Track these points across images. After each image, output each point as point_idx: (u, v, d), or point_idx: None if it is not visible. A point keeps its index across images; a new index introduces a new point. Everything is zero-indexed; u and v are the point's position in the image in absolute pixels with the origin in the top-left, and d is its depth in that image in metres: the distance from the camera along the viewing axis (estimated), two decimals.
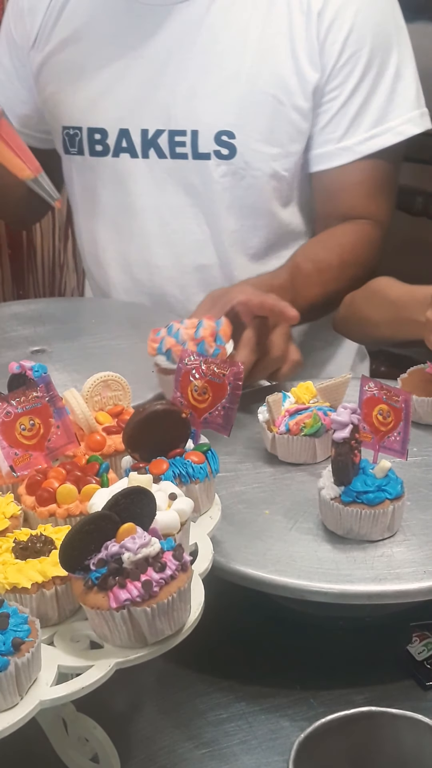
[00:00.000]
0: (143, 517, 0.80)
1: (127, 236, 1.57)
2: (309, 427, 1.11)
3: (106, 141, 1.51)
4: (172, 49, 1.46)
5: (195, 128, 1.45)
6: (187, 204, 1.51)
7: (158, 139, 1.48)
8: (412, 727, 0.81)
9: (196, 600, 0.81)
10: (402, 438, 1.00)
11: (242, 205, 1.50)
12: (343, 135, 1.44)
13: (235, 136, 1.44)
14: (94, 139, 1.51)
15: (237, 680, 0.98)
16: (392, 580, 0.94)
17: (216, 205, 1.50)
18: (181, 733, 0.93)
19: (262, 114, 1.43)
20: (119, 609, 0.75)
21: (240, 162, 1.46)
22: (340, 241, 1.46)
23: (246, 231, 1.52)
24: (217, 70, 1.44)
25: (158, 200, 1.52)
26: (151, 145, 1.48)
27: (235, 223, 1.51)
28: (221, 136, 1.44)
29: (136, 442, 0.94)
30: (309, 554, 0.98)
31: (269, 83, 1.43)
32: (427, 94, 2.10)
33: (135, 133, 1.49)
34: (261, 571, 0.96)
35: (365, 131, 1.44)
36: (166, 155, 1.48)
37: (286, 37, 1.42)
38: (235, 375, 1.01)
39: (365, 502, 0.97)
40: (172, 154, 1.48)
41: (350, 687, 0.97)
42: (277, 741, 0.91)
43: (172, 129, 1.47)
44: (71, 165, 1.58)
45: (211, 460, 0.96)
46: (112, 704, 0.95)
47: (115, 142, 1.50)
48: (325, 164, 1.47)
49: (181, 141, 1.46)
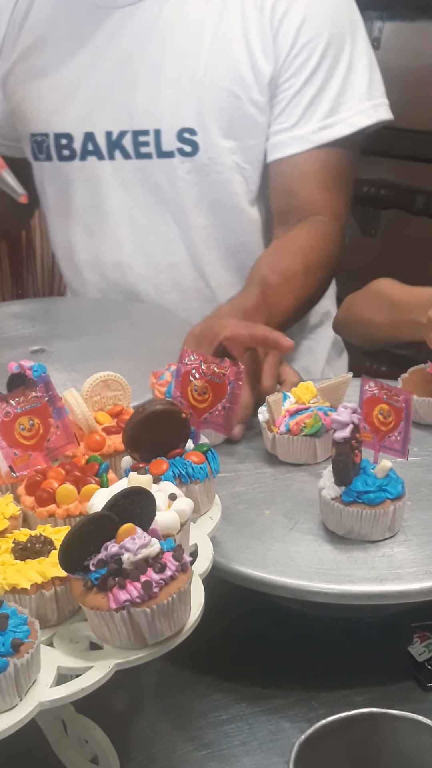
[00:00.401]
0: (143, 517, 0.80)
1: (98, 238, 1.58)
2: (309, 427, 1.11)
3: (72, 145, 1.53)
4: (130, 51, 1.47)
5: (157, 127, 1.47)
6: (155, 203, 1.53)
7: (122, 140, 1.50)
8: (412, 729, 0.81)
9: (196, 601, 0.80)
10: (403, 438, 1.00)
11: (209, 201, 1.51)
12: (296, 124, 1.45)
13: (196, 133, 1.46)
14: (60, 144, 1.54)
15: (237, 681, 0.98)
16: (393, 581, 0.93)
17: (183, 203, 1.51)
18: (181, 735, 0.92)
19: (221, 109, 1.45)
20: (119, 610, 0.75)
21: (203, 158, 1.47)
22: (301, 245, 1.45)
23: (215, 227, 1.53)
24: (174, 68, 1.46)
25: (127, 201, 1.54)
26: (116, 146, 1.50)
27: (203, 220, 1.53)
28: (183, 133, 1.46)
29: (135, 442, 0.94)
30: (309, 554, 0.97)
31: (226, 78, 1.44)
32: (428, 91, 2.10)
33: (100, 135, 1.51)
34: (261, 572, 0.95)
35: (318, 121, 1.45)
36: (131, 156, 1.50)
37: (240, 32, 1.43)
38: (235, 375, 1.01)
39: (366, 502, 0.97)
40: (136, 154, 1.50)
41: (351, 688, 0.96)
42: (277, 742, 0.91)
43: (136, 129, 1.49)
44: (42, 171, 1.60)
45: (211, 460, 0.96)
46: (111, 705, 0.95)
47: (81, 146, 1.52)
48: (278, 153, 1.47)
49: (145, 141, 1.48)
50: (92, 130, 1.51)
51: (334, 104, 1.45)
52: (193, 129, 1.46)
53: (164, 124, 1.46)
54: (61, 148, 1.54)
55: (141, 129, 1.48)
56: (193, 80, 1.45)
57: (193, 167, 1.48)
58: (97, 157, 1.52)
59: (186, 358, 1.02)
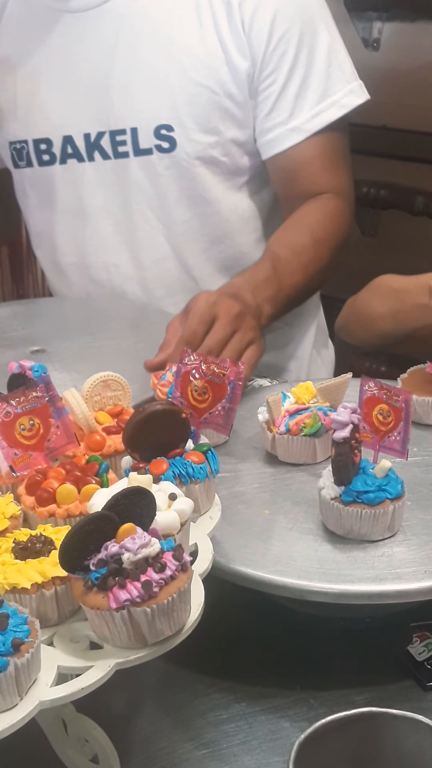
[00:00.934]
0: (143, 517, 0.80)
1: (83, 239, 1.60)
2: (309, 427, 1.11)
3: (51, 150, 1.54)
4: (101, 52, 1.48)
5: (134, 126, 1.49)
6: (136, 201, 1.54)
7: (101, 141, 1.51)
8: (412, 728, 0.81)
9: (196, 600, 0.81)
10: (402, 438, 1.00)
11: (189, 196, 1.52)
12: (289, 116, 1.46)
13: (173, 129, 1.47)
14: (40, 150, 1.55)
15: (237, 681, 0.98)
16: (393, 580, 0.94)
17: (164, 199, 1.53)
18: (181, 734, 0.93)
19: (197, 105, 1.46)
20: (119, 609, 0.75)
21: (181, 153, 1.48)
22: (308, 221, 1.48)
23: (196, 220, 1.55)
24: (147, 66, 1.47)
25: (108, 200, 1.55)
26: (94, 147, 1.52)
27: (184, 214, 1.54)
28: (160, 130, 1.48)
29: (135, 442, 0.94)
30: (309, 554, 0.97)
31: (200, 74, 1.45)
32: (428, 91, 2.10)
33: (78, 137, 1.52)
34: (261, 572, 0.95)
35: (310, 109, 1.47)
36: (110, 156, 1.51)
37: (212, 28, 1.44)
38: (235, 375, 1.01)
39: (365, 501, 0.97)
40: (114, 153, 1.51)
41: (350, 687, 0.96)
42: (277, 741, 0.91)
43: (112, 129, 1.50)
44: (23, 178, 1.61)
45: (211, 460, 0.96)
46: (111, 705, 0.95)
47: (61, 149, 1.53)
48: (277, 148, 1.49)
49: (122, 140, 1.50)
50: (70, 133, 1.52)
51: (322, 89, 1.47)
52: (170, 125, 1.47)
53: (140, 122, 1.48)
54: (41, 153, 1.55)
55: (118, 128, 1.50)
56: (166, 77, 1.46)
57: (171, 163, 1.50)
58: (77, 160, 1.53)
59: (186, 358, 1.02)
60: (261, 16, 1.43)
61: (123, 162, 1.51)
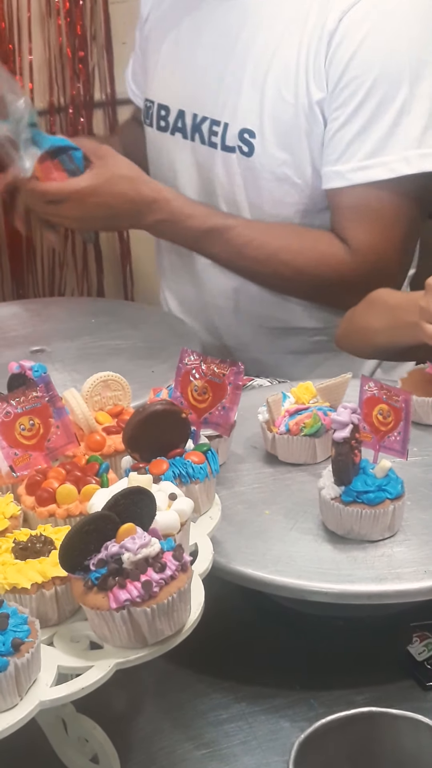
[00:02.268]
0: (143, 517, 0.80)
1: None
2: (309, 427, 1.11)
3: (168, 118, 1.59)
4: (223, 43, 1.50)
5: (227, 121, 1.50)
6: (214, 192, 1.55)
7: (202, 126, 1.53)
8: (412, 728, 0.81)
9: (196, 600, 0.81)
10: (402, 438, 1.00)
11: (259, 205, 1.52)
12: (338, 159, 1.43)
13: (255, 136, 1.47)
14: (160, 115, 1.60)
15: (237, 681, 0.98)
16: (393, 580, 0.94)
17: (236, 198, 1.53)
18: (181, 734, 0.93)
19: (278, 119, 1.45)
20: (119, 609, 0.75)
21: (257, 162, 1.48)
22: (292, 231, 1.49)
23: None
24: (250, 67, 1.47)
25: (194, 182, 1.57)
26: (197, 129, 1.54)
27: None
28: (244, 133, 1.48)
29: (136, 442, 0.94)
30: (309, 554, 0.97)
31: (285, 89, 1.44)
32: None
33: (189, 115, 1.55)
34: (261, 572, 0.95)
35: (359, 160, 1.42)
36: (206, 142, 1.54)
37: (303, 51, 1.42)
38: (235, 375, 1.01)
39: (365, 501, 0.97)
40: (209, 141, 1.53)
41: (350, 687, 0.96)
42: (277, 741, 0.91)
43: (212, 118, 1.52)
44: (146, 135, 1.67)
45: (211, 460, 0.96)
46: (112, 705, 0.95)
47: (174, 121, 1.57)
48: (323, 184, 1.46)
49: (216, 131, 1.51)
50: (184, 108, 1.56)
51: (379, 145, 1.41)
52: (252, 131, 1.47)
53: (231, 119, 1.49)
54: (159, 119, 1.60)
55: (215, 119, 1.52)
56: (263, 84, 1.46)
57: (248, 167, 1.49)
58: (182, 135, 1.57)
59: (186, 358, 1.02)
60: (342, 51, 1.40)
61: (211, 151, 1.53)
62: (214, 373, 1.01)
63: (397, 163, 1.41)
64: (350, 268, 1.47)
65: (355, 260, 1.46)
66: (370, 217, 1.45)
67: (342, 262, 1.47)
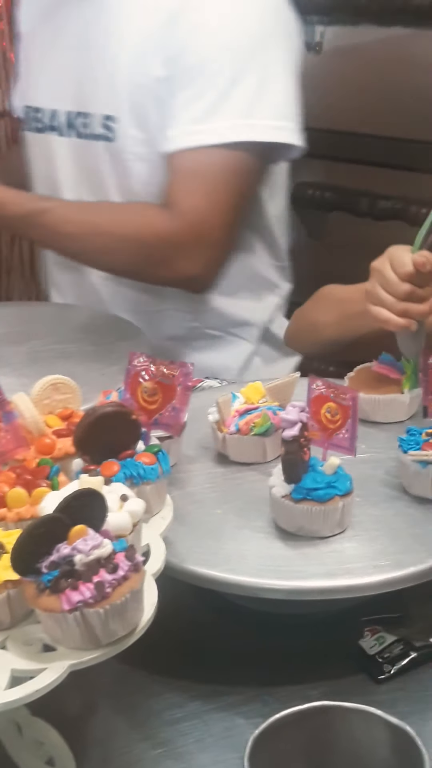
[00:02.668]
0: (94, 518, 0.80)
1: None
2: (259, 427, 1.12)
3: (42, 119, 1.62)
4: (84, 35, 1.54)
5: (91, 111, 1.54)
6: (92, 183, 1.58)
7: (75, 120, 1.57)
8: (365, 720, 0.82)
9: (149, 600, 0.81)
10: (350, 435, 1.01)
11: (127, 189, 1.55)
12: (169, 124, 1.47)
13: (115, 120, 1.51)
14: (35, 117, 1.63)
15: (191, 679, 0.99)
16: (343, 575, 0.95)
17: (106, 186, 1.57)
18: (137, 734, 0.93)
19: (134, 101, 1.49)
20: (72, 611, 0.75)
21: (119, 146, 1.52)
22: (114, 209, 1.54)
23: None
24: (104, 56, 1.51)
25: (74, 177, 1.60)
26: (71, 124, 1.58)
27: None
28: (106, 120, 1.52)
29: (86, 444, 0.94)
30: (261, 552, 0.98)
31: (137, 71, 1.48)
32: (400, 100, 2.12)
33: (61, 113, 1.59)
34: (214, 570, 0.96)
35: (187, 125, 1.46)
36: (80, 135, 1.57)
37: (146, 31, 1.47)
38: (184, 376, 1.01)
39: (315, 498, 0.98)
40: (84, 134, 1.56)
41: (304, 683, 0.97)
42: (232, 738, 0.92)
43: (80, 111, 1.56)
44: (26, 141, 1.69)
45: (162, 461, 0.96)
46: (66, 707, 0.94)
47: (49, 120, 1.60)
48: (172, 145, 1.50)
49: (86, 122, 1.55)
50: (56, 107, 1.59)
51: (207, 112, 1.45)
52: (113, 116, 1.51)
53: (93, 109, 1.54)
54: (35, 121, 1.63)
55: (84, 111, 1.55)
56: (110, 69, 1.50)
57: (113, 152, 1.53)
58: (58, 133, 1.59)
59: (135, 360, 1.02)
60: (183, 24, 1.44)
61: (84, 143, 1.56)
62: (164, 374, 1.01)
63: (224, 130, 1.46)
64: (174, 230, 1.47)
65: (179, 223, 1.47)
66: (196, 181, 1.48)
67: (165, 226, 1.48)
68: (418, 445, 1.05)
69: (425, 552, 0.97)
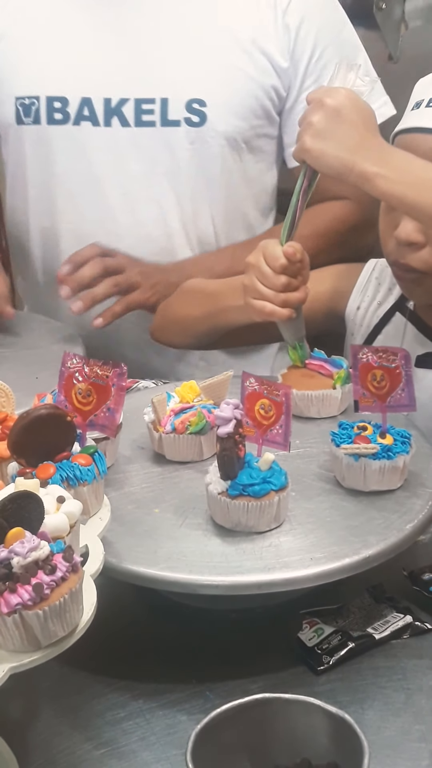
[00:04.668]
0: (31, 521, 0.80)
1: (85, 206, 1.57)
2: (194, 425, 1.13)
3: (66, 109, 1.52)
4: (140, 22, 1.49)
5: (164, 96, 1.49)
6: (152, 172, 1.53)
7: (122, 108, 1.51)
8: (304, 711, 0.83)
9: (89, 600, 0.81)
10: (284, 431, 1.03)
11: (208, 174, 1.53)
12: None
13: (206, 104, 1.49)
14: (53, 108, 1.53)
15: (133, 679, 0.99)
16: (281, 569, 0.96)
17: (181, 173, 1.53)
18: (80, 735, 0.93)
19: (231, 86, 1.49)
20: (10, 614, 0.75)
21: (209, 130, 1.50)
22: (314, 221, 1.50)
23: (208, 198, 1.56)
24: (185, 39, 1.49)
25: (120, 168, 1.54)
26: (114, 113, 1.51)
27: (200, 191, 1.55)
28: (192, 103, 1.49)
29: (21, 447, 0.94)
30: (199, 549, 0.99)
31: (239, 59, 1.48)
32: None
33: (97, 101, 1.51)
34: (152, 569, 0.97)
35: None
36: (130, 124, 1.51)
37: (256, 22, 1.48)
38: (118, 376, 1.02)
39: (251, 494, 0.99)
40: (137, 122, 1.51)
41: (245, 677, 0.98)
42: (175, 735, 0.93)
43: (139, 97, 1.50)
44: (23, 136, 1.58)
45: (98, 462, 0.97)
46: (8, 710, 0.94)
47: (77, 111, 1.52)
48: None
49: (149, 109, 1.50)
50: (90, 95, 1.51)
51: None
52: (202, 100, 1.49)
53: (171, 93, 1.49)
54: (53, 112, 1.53)
55: (145, 97, 1.50)
56: (203, 52, 1.48)
57: (198, 137, 1.50)
58: (92, 123, 1.52)
59: (68, 361, 1.02)
60: (306, 26, 1.48)
61: (145, 131, 1.51)
62: (97, 375, 1.01)
63: (382, 108, 1.50)
64: (355, 219, 1.53)
65: (360, 209, 1.52)
66: None
67: (348, 217, 1.53)
68: (350, 438, 1.07)
69: (360, 543, 0.98)
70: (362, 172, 1.11)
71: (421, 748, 0.90)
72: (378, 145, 1.14)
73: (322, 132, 1.14)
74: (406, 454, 1.06)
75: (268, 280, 1.22)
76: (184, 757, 0.78)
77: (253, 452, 1.03)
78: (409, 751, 0.89)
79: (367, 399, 1.08)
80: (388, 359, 1.07)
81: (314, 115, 1.15)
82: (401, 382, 1.07)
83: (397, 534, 1.00)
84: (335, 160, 1.13)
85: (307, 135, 1.15)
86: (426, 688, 0.96)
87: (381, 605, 1.06)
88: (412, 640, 1.03)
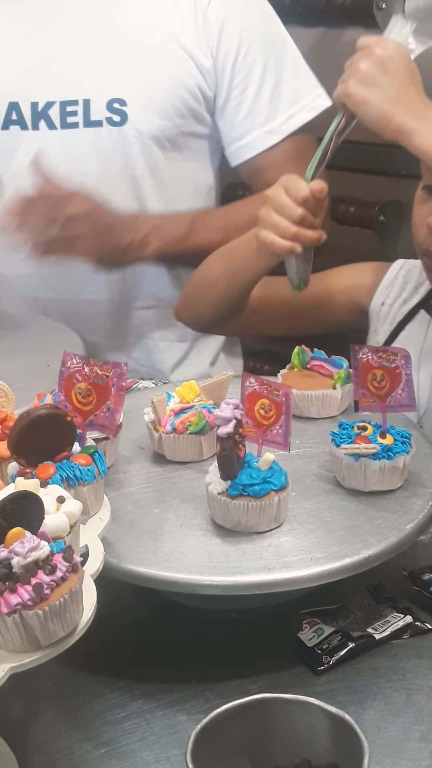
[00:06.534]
0: (31, 521, 0.80)
1: None
2: (194, 425, 1.13)
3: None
4: (66, 23, 1.51)
5: (87, 97, 1.51)
6: (82, 173, 1.53)
7: (49, 111, 1.52)
8: (303, 711, 0.83)
9: (89, 600, 0.81)
10: (284, 431, 1.03)
11: (134, 172, 1.54)
12: (266, 119, 1.52)
13: (126, 104, 1.50)
14: None
15: (133, 679, 0.99)
16: (281, 569, 0.96)
17: (108, 172, 1.54)
18: (80, 735, 0.93)
19: (152, 85, 1.50)
20: (11, 614, 0.75)
21: (131, 129, 1.51)
22: None
23: (136, 195, 1.57)
24: (103, 42, 1.50)
25: (51, 171, 1.53)
26: (41, 116, 1.53)
27: (124, 191, 1.55)
28: (113, 103, 1.50)
29: (21, 447, 0.94)
30: (199, 549, 0.99)
31: (157, 58, 1.49)
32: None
33: (25, 106, 1.53)
34: (153, 569, 0.97)
35: (284, 112, 1.53)
36: (56, 126, 1.52)
37: (175, 22, 1.49)
38: (118, 376, 1.02)
39: (251, 494, 0.99)
40: (62, 124, 1.52)
41: (245, 677, 0.98)
42: (175, 735, 0.93)
43: (64, 100, 1.51)
44: None
45: (98, 462, 0.97)
46: (8, 710, 0.94)
47: (4, 115, 1.53)
48: (255, 149, 1.54)
49: (73, 110, 1.51)
50: (17, 99, 1.53)
51: (294, 94, 1.53)
52: (122, 99, 1.50)
53: (93, 94, 1.50)
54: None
55: (69, 99, 1.51)
56: (122, 53, 1.50)
57: (120, 137, 1.52)
58: (21, 127, 1.54)
59: (69, 361, 1.02)
60: (230, 26, 1.49)
61: (70, 132, 1.52)
62: (97, 375, 1.01)
63: (315, 101, 1.53)
64: None
65: None
66: (302, 160, 1.49)
67: None
68: (350, 438, 1.07)
69: (360, 543, 0.98)
70: (400, 125, 1.13)
71: (421, 748, 0.90)
72: (420, 102, 1.16)
73: (368, 79, 1.16)
74: (406, 454, 1.06)
75: (285, 210, 1.20)
76: (184, 757, 0.78)
77: (253, 452, 1.03)
78: (409, 751, 0.89)
79: (367, 399, 1.08)
80: (389, 359, 1.07)
81: (362, 62, 1.17)
82: (401, 382, 1.07)
83: (397, 534, 1.00)
84: (375, 109, 1.15)
85: (352, 79, 1.17)
86: (426, 688, 0.97)
87: (381, 605, 1.06)
88: (412, 641, 1.03)
